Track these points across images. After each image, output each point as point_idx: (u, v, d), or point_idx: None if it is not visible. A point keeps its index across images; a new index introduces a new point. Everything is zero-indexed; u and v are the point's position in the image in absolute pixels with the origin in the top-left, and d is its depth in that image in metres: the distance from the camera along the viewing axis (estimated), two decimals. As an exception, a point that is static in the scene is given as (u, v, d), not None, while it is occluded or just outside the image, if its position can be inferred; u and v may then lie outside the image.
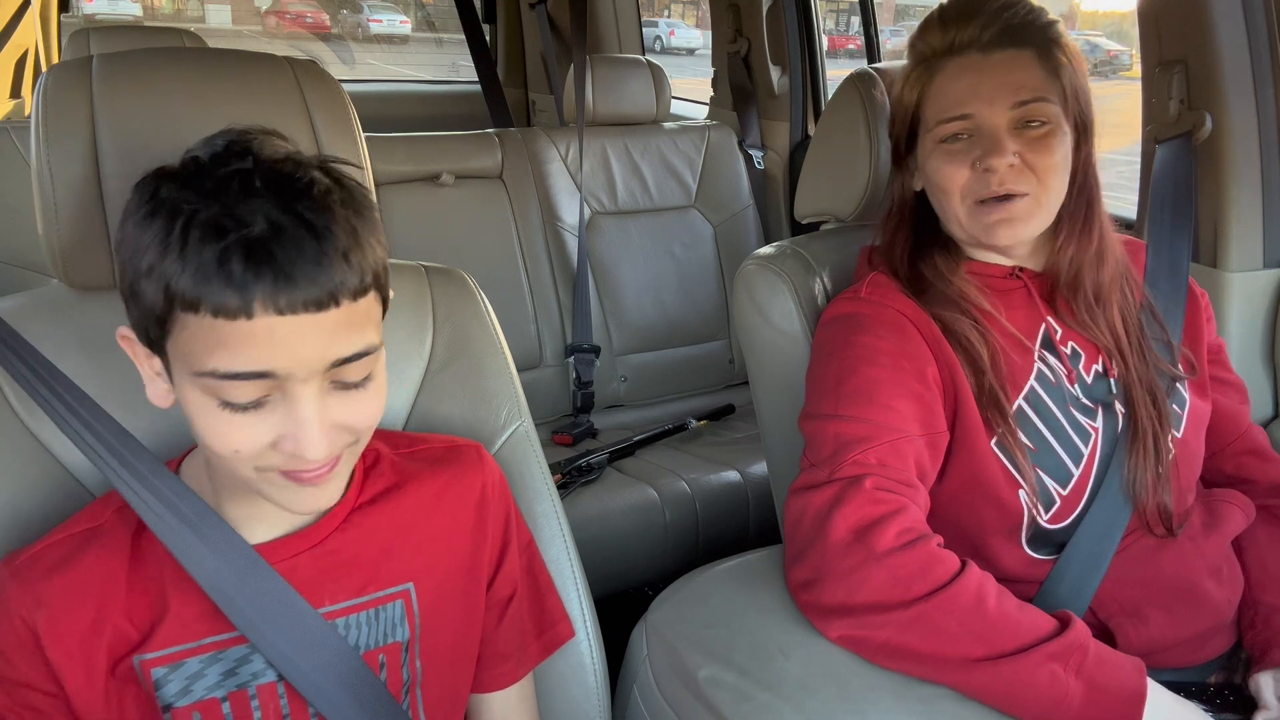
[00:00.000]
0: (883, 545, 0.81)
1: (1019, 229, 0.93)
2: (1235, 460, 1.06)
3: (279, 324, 0.59)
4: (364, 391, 0.66)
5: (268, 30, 16.44)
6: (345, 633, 0.73)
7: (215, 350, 0.59)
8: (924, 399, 0.91)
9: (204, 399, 0.62)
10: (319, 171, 0.63)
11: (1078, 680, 0.76)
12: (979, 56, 0.93)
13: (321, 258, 0.59)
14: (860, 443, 0.87)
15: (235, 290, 0.57)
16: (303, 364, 0.61)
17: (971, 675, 0.78)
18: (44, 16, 2.55)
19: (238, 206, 0.59)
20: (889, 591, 0.80)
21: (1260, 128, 1.24)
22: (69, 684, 0.66)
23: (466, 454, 0.83)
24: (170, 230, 0.59)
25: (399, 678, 0.76)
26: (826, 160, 1.21)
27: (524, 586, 0.85)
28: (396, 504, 0.77)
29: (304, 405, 0.62)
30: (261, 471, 0.64)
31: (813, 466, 0.89)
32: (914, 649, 0.79)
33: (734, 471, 1.79)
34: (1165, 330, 1.01)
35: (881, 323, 0.95)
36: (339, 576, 0.73)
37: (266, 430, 0.62)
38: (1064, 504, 0.93)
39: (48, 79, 0.80)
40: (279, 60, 0.88)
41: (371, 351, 0.64)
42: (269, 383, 0.61)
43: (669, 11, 19.95)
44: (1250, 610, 0.98)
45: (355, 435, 0.67)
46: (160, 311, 0.60)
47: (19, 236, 1.84)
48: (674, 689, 0.88)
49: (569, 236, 2.12)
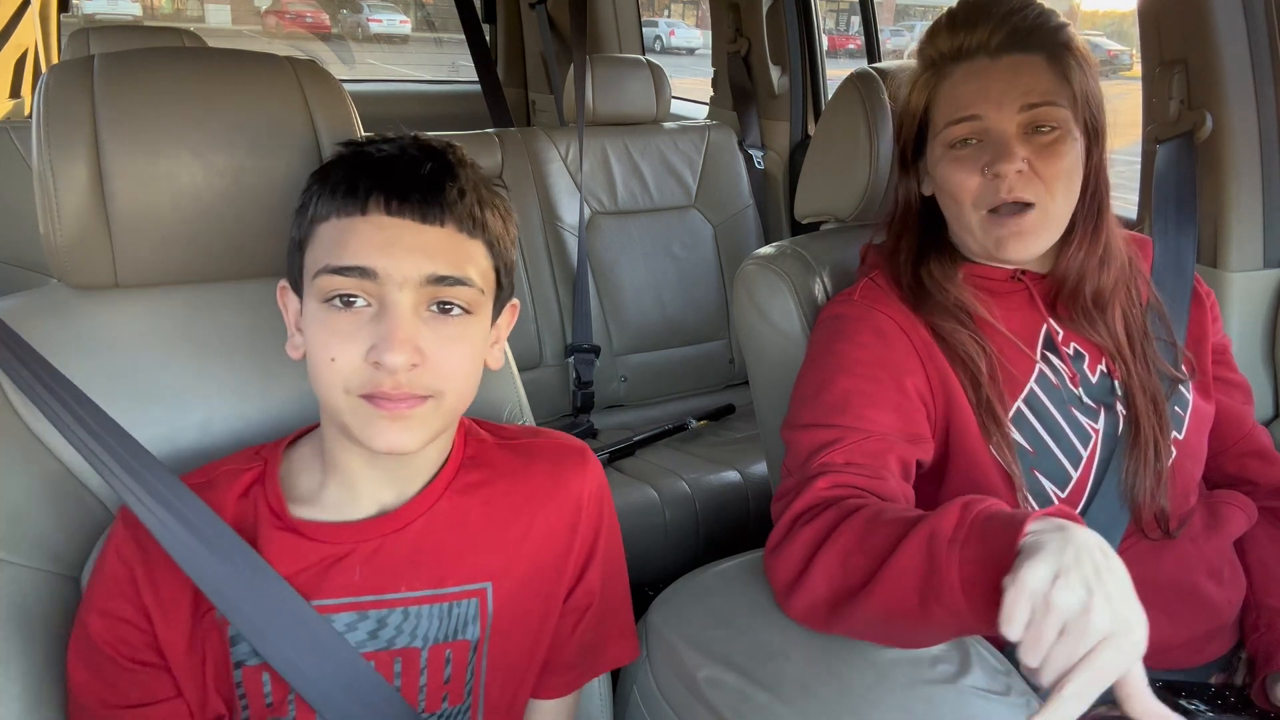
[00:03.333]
0: (800, 509, 0.81)
1: (1030, 243, 0.92)
2: (1238, 461, 1.06)
3: (387, 223, 0.67)
4: (456, 334, 0.69)
5: (268, 30, 16.44)
6: (415, 622, 0.74)
7: (332, 249, 0.67)
8: (902, 408, 0.90)
9: (317, 308, 0.68)
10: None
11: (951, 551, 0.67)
12: (988, 61, 0.92)
13: (436, 181, 0.69)
14: (828, 446, 0.87)
15: (356, 195, 0.68)
16: (401, 267, 0.66)
17: (871, 604, 0.72)
18: (44, 16, 2.55)
19: (379, 147, 0.70)
20: (807, 545, 0.78)
21: (1260, 128, 1.24)
22: (158, 625, 0.70)
23: (570, 456, 0.83)
24: (324, 175, 0.71)
25: (463, 676, 0.76)
26: (826, 160, 1.21)
27: (602, 599, 0.84)
28: (489, 497, 0.78)
29: (395, 309, 0.66)
30: (349, 395, 0.67)
31: (788, 474, 0.90)
32: (843, 587, 0.75)
33: (734, 471, 1.79)
34: (1170, 331, 1.01)
35: (866, 329, 0.94)
36: (419, 563, 0.74)
37: (362, 338, 0.66)
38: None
39: (49, 79, 0.80)
40: (279, 60, 0.88)
41: (469, 284, 0.69)
42: (372, 285, 0.66)
43: (669, 11, 19.96)
44: (1254, 613, 0.98)
45: (440, 382, 0.69)
46: (301, 234, 0.71)
47: (19, 236, 1.84)
48: (674, 689, 0.88)
49: (569, 236, 2.12)
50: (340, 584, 0.72)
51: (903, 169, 1.03)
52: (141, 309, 0.86)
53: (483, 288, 0.71)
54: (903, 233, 1.02)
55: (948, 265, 0.98)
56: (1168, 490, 0.93)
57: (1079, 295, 0.96)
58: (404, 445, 0.69)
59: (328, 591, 0.72)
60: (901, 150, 1.02)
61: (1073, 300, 0.97)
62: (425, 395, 0.68)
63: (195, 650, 0.71)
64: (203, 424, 0.85)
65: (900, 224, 1.03)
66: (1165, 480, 0.93)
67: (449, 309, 0.69)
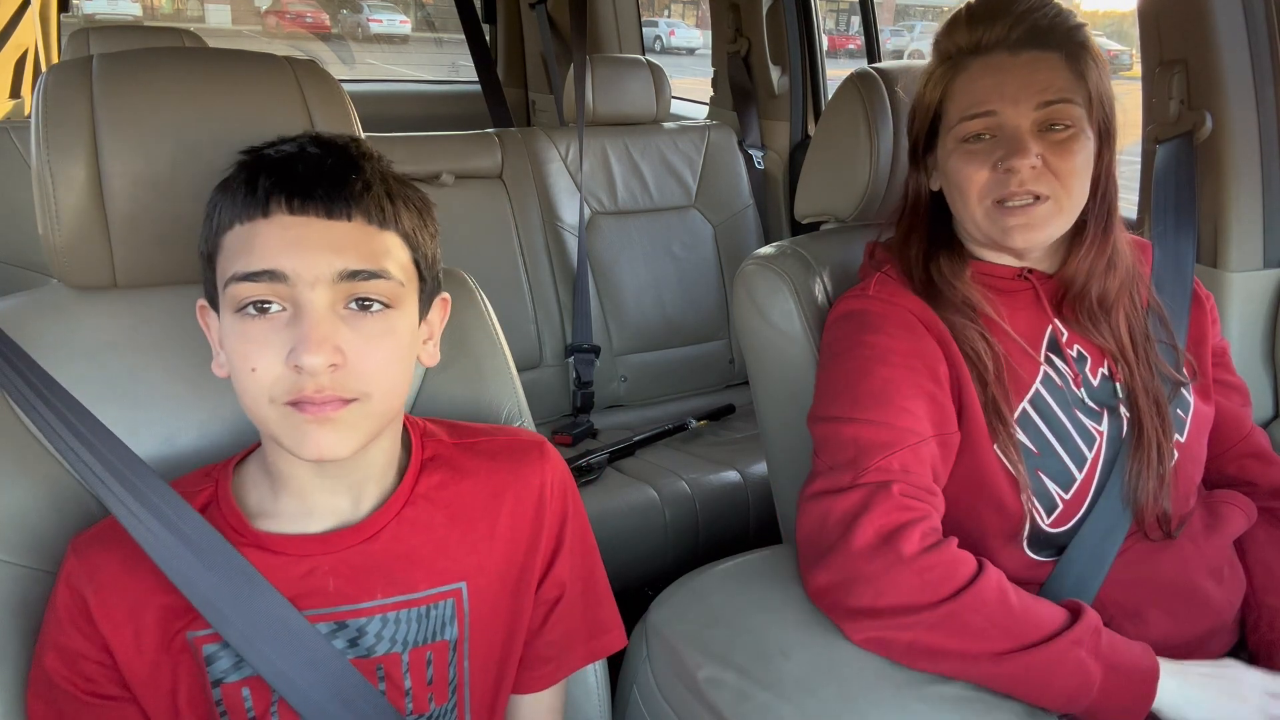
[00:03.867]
0: (909, 549, 0.82)
1: (1037, 233, 0.92)
2: (1237, 463, 1.06)
3: (292, 223, 0.65)
4: (377, 330, 0.67)
5: (267, 30, 16.43)
6: (394, 628, 0.73)
7: (239, 256, 0.66)
8: (937, 398, 0.91)
9: (232, 320, 0.66)
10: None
11: (1097, 663, 0.78)
12: (1005, 56, 0.91)
13: (339, 176, 0.67)
14: (882, 448, 0.87)
15: (256, 197, 0.66)
16: (311, 266, 0.65)
17: (999, 668, 0.79)
18: (44, 16, 2.55)
19: (278, 148, 0.68)
20: (917, 594, 0.81)
21: (1260, 128, 1.24)
22: (119, 655, 0.69)
23: (529, 450, 0.82)
24: (225, 185, 0.69)
25: (445, 675, 0.76)
26: (826, 160, 1.21)
27: (575, 591, 0.84)
28: (453, 499, 0.77)
29: (309, 309, 0.65)
30: (274, 404, 0.66)
31: (831, 470, 0.89)
32: (941, 647, 0.80)
33: (734, 471, 1.79)
34: (1170, 334, 1.01)
35: (892, 321, 0.94)
36: (392, 570, 0.74)
37: (279, 343, 0.65)
38: (1066, 508, 0.93)
39: (48, 79, 0.80)
40: (279, 60, 0.88)
41: (385, 276, 0.67)
42: (283, 287, 0.65)
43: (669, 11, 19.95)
44: (1254, 612, 0.98)
45: (363, 383, 0.66)
46: (209, 247, 0.69)
47: (19, 236, 1.84)
48: (674, 689, 0.88)
49: (569, 236, 2.12)
50: (315, 596, 0.72)
51: (913, 163, 1.02)
52: (140, 309, 0.86)
53: (402, 280, 0.69)
54: (912, 228, 1.02)
55: (956, 262, 0.98)
56: (1170, 493, 0.94)
57: (1085, 297, 0.96)
58: (334, 451, 0.66)
59: (303, 604, 0.71)
60: (913, 144, 1.02)
61: (1079, 302, 0.97)
62: (350, 398, 0.66)
63: (163, 677, 0.70)
64: (201, 424, 0.85)
65: (910, 218, 1.02)
66: (1168, 483, 0.93)
67: (368, 305, 0.67)
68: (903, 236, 1.02)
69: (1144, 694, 0.79)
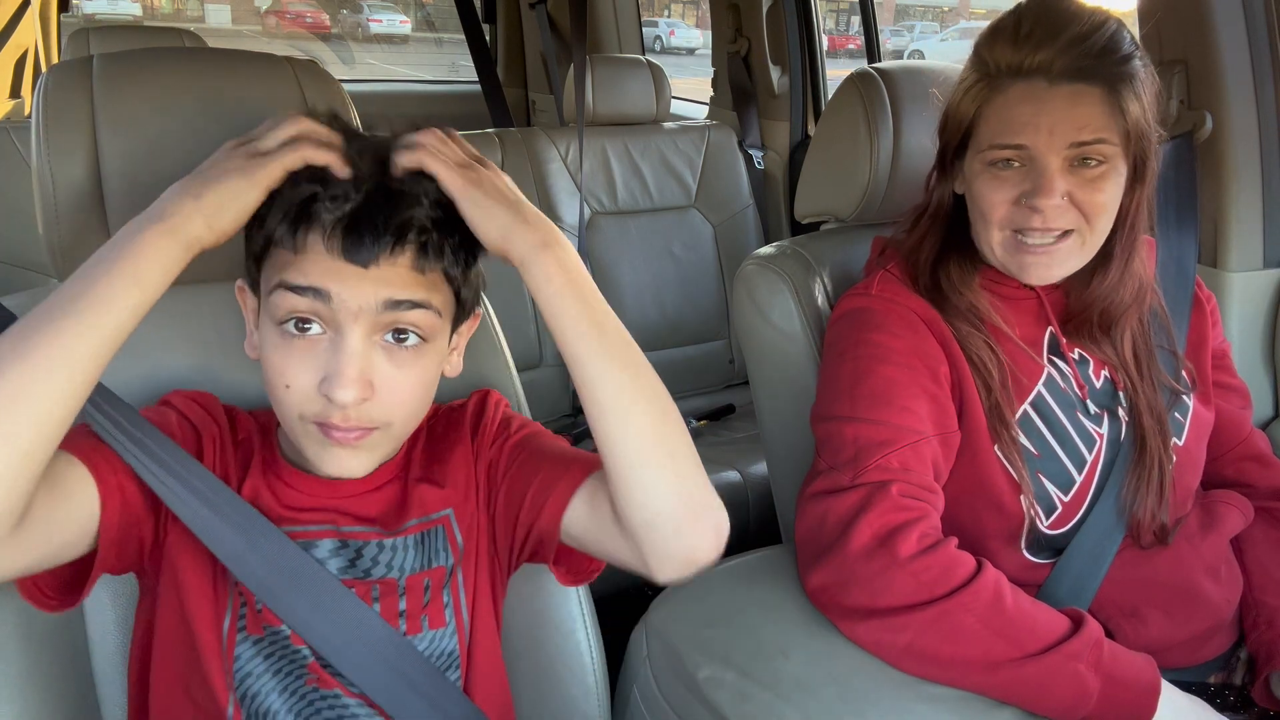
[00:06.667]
0: (906, 550, 0.82)
1: (1055, 271, 0.91)
2: (1236, 465, 1.06)
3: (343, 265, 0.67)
4: (408, 361, 0.71)
5: (267, 30, 16.45)
6: (391, 555, 0.76)
7: (289, 265, 0.68)
8: (938, 398, 0.91)
9: (272, 329, 0.69)
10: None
11: (1096, 676, 0.77)
12: (1044, 86, 0.87)
13: (398, 230, 0.67)
14: (881, 447, 0.87)
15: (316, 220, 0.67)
16: (356, 294, 0.67)
17: (995, 677, 0.79)
18: (44, 16, 2.55)
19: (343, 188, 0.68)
20: (912, 594, 0.81)
21: (1260, 128, 1.24)
22: None
23: (473, 396, 0.87)
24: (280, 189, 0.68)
25: (440, 599, 0.77)
26: (826, 160, 1.21)
27: (535, 445, 0.81)
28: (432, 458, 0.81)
29: (348, 339, 0.68)
30: (303, 421, 0.70)
31: (832, 470, 0.89)
32: (937, 651, 0.80)
33: (734, 471, 1.79)
34: (1171, 339, 1.00)
35: (894, 319, 0.94)
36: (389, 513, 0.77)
37: (315, 366, 0.68)
38: (1065, 510, 0.93)
39: (48, 79, 0.80)
40: (279, 60, 0.88)
41: (427, 307, 0.70)
42: (325, 309, 0.67)
43: (669, 11, 19.97)
44: (1253, 612, 0.98)
45: (388, 413, 0.71)
46: (258, 249, 0.71)
47: (19, 236, 1.84)
48: (674, 689, 0.88)
49: (569, 236, 2.11)
50: (320, 519, 0.76)
51: (940, 170, 1.00)
52: (141, 309, 0.86)
53: (440, 311, 0.72)
54: (928, 232, 1.00)
55: (967, 268, 0.97)
56: (1168, 502, 0.94)
57: (1088, 315, 0.96)
58: (353, 472, 0.73)
59: (308, 521, 0.75)
60: (941, 151, 0.99)
61: (1084, 319, 0.97)
62: (373, 426, 0.71)
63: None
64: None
65: (928, 223, 1.00)
66: (1168, 499, 0.93)
67: (404, 338, 0.71)
68: (917, 240, 1.00)
69: (1145, 706, 0.78)
